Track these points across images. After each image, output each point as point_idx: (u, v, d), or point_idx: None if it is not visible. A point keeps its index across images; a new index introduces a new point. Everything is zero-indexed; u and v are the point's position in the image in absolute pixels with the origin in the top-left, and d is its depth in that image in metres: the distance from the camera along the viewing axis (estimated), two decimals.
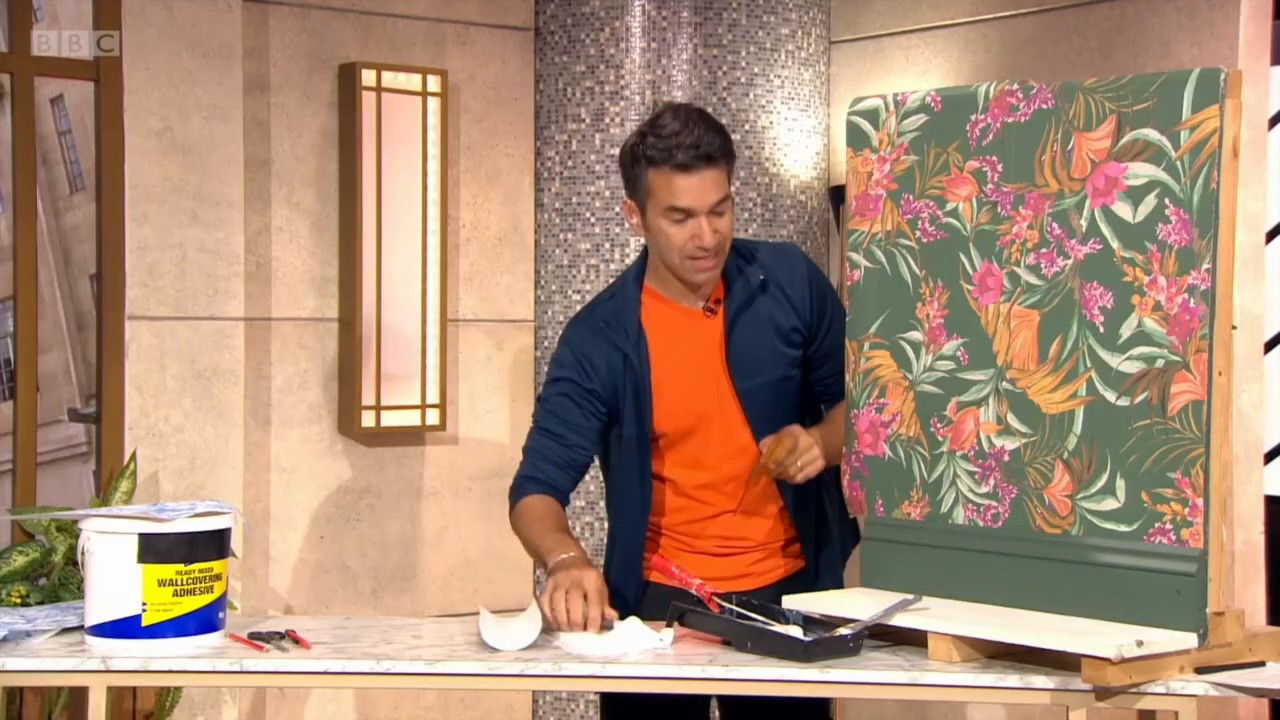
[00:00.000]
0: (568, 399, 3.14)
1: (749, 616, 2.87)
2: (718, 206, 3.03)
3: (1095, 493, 2.74)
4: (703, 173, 3.01)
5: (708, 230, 3.02)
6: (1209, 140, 2.61)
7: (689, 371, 3.14)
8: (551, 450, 3.14)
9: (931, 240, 2.95)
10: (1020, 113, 2.83)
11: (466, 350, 5.21)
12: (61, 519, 4.21)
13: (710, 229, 3.02)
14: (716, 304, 3.15)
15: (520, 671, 2.75)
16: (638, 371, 3.11)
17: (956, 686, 2.70)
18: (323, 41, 4.94)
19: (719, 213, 3.04)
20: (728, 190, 3.05)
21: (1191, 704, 2.60)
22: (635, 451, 3.15)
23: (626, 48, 5.18)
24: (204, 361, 4.66)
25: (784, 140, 5.27)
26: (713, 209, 3.03)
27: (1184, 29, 4.48)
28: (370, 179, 4.93)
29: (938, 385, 2.94)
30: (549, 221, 5.30)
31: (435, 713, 5.18)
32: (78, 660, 2.81)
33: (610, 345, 3.13)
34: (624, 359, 3.12)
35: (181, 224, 4.61)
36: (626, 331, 3.12)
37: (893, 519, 3.02)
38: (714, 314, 3.15)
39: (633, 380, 3.12)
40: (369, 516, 5.06)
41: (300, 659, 2.80)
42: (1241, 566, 4.36)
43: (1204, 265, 2.62)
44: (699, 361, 3.14)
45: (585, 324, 3.19)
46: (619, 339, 3.13)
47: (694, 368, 3.14)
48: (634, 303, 3.14)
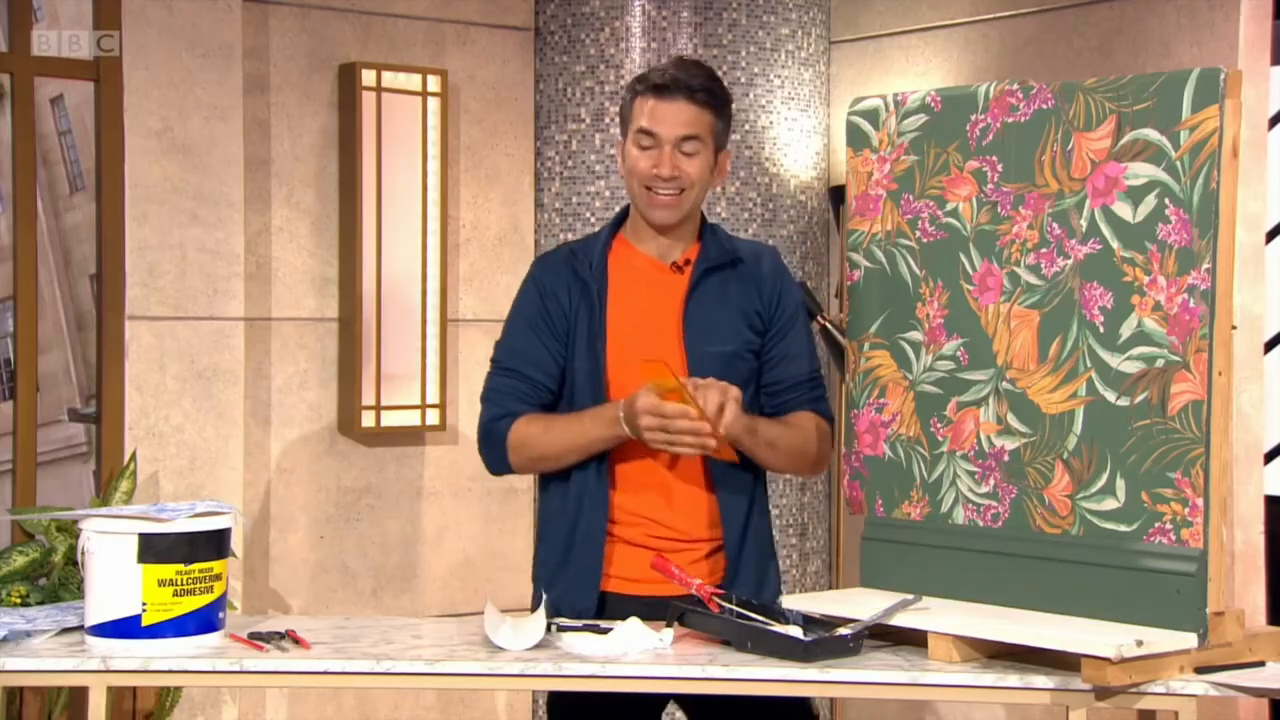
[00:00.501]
0: (528, 329, 3.15)
1: (749, 616, 2.87)
2: (686, 144, 3.07)
3: (1095, 493, 2.74)
4: (677, 102, 3.07)
5: (668, 160, 3.07)
6: (1209, 140, 2.61)
7: (644, 321, 3.13)
8: (516, 389, 3.14)
9: (931, 240, 2.95)
10: (1020, 113, 2.83)
11: (466, 350, 5.21)
12: (61, 519, 4.21)
13: (671, 161, 3.07)
14: (686, 264, 3.16)
15: (520, 671, 2.75)
16: (594, 305, 3.12)
17: (956, 686, 2.70)
18: (323, 41, 4.95)
19: (687, 153, 3.08)
20: (703, 136, 3.08)
21: (1191, 704, 2.60)
22: (589, 389, 3.11)
23: (626, 48, 5.17)
24: (204, 361, 4.66)
25: (784, 140, 5.27)
26: (680, 144, 3.07)
27: (1184, 29, 4.48)
28: (370, 179, 4.93)
29: (938, 385, 2.94)
30: (549, 221, 5.30)
31: (435, 713, 5.18)
32: (78, 660, 2.81)
33: (571, 273, 3.15)
34: (583, 287, 3.13)
35: (181, 224, 4.61)
36: (591, 264, 3.15)
37: (893, 519, 3.02)
38: (680, 272, 3.15)
39: (588, 311, 3.12)
40: (369, 516, 5.06)
41: (300, 659, 2.80)
42: (1241, 566, 4.36)
43: (1204, 265, 2.62)
44: (656, 314, 3.13)
45: (551, 256, 3.23)
46: (581, 269, 3.15)
47: (649, 319, 3.13)
48: (604, 244, 3.18)
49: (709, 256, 3.15)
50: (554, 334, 3.14)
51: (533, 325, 3.15)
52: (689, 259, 3.16)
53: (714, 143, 3.11)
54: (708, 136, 3.09)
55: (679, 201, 3.11)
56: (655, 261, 3.17)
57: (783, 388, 3.16)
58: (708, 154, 3.10)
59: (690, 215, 3.14)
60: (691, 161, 3.09)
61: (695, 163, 3.09)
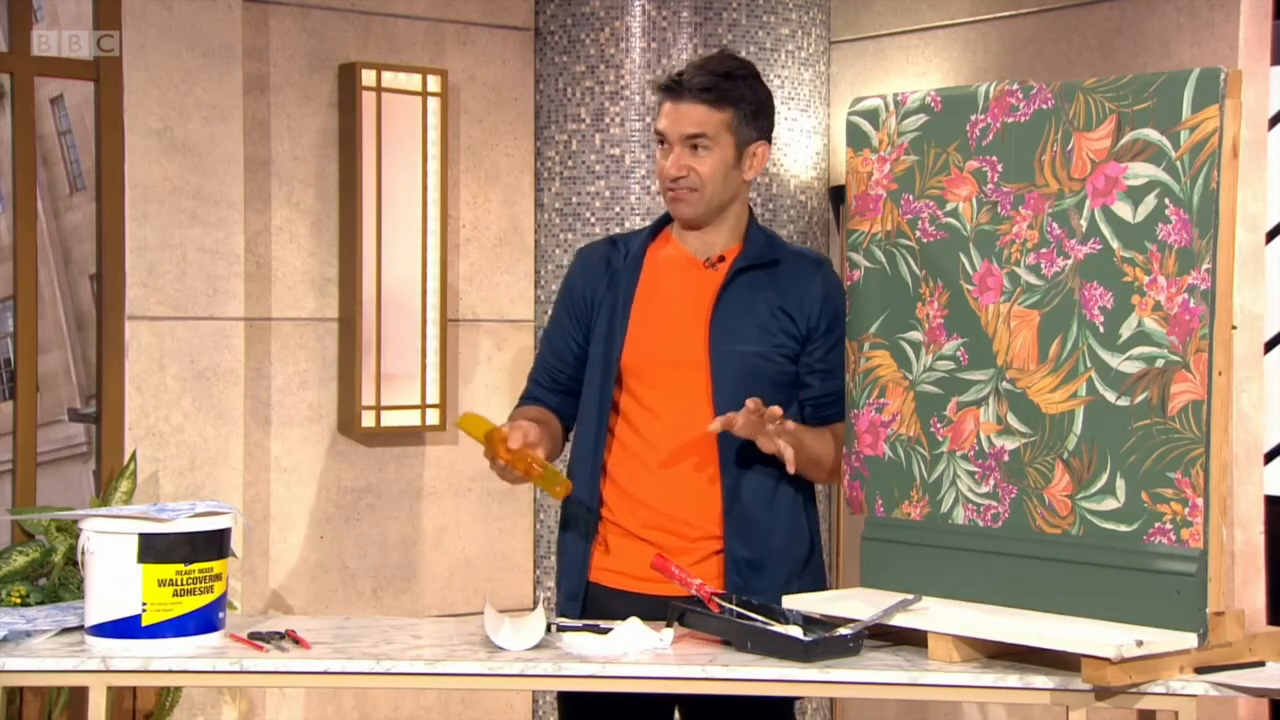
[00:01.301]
0: (556, 316, 3.27)
1: (749, 616, 2.87)
2: (694, 140, 3.09)
3: (1095, 493, 2.74)
4: (683, 103, 3.09)
5: (675, 160, 3.10)
6: (1209, 140, 2.61)
7: (671, 315, 3.15)
8: (538, 374, 3.29)
9: (931, 240, 2.95)
10: (1020, 113, 2.83)
11: (466, 350, 5.21)
12: (61, 519, 4.21)
13: (678, 160, 3.09)
14: (720, 260, 3.16)
15: (520, 671, 2.75)
16: (621, 292, 3.17)
17: (956, 686, 2.70)
18: (323, 41, 4.95)
19: (696, 151, 3.09)
20: (712, 133, 3.09)
21: (1191, 704, 2.60)
22: (597, 377, 3.15)
23: (626, 48, 5.18)
24: (204, 361, 4.66)
25: (784, 140, 5.27)
26: (688, 143, 3.09)
27: (1184, 29, 4.48)
28: (370, 179, 4.93)
29: (938, 385, 2.94)
30: (549, 221, 5.30)
31: (435, 713, 5.18)
32: (78, 660, 2.81)
33: (605, 263, 3.23)
34: (613, 276, 3.19)
35: (181, 224, 4.61)
36: (628, 253, 3.22)
37: (893, 519, 3.02)
38: (714, 269, 3.16)
39: (613, 300, 3.17)
40: (369, 516, 5.06)
41: (300, 659, 2.80)
42: (1241, 566, 4.36)
43: (1204, 265, 2.62)
44: (684, 308, 3.14)
45: (592, 245, 3.33)
46: (616, 259, 3.22)
47: (677, 313, 3.15)
48: (647, 237, 3.24)
49: (747, 255, 3.15)
50: (576, 321, 3.23)
51: (559, 312, 3.26)
52: (724, 256, 3.17)
53: (732, 138, 3.11)
54: (719, 133, 3.09)
55: (693, 199, 3.12)
56: (691, 257, 3.18)
57: (831, 400, 3.15)
58: (722, 151, 3.10)
59: (721, 211, 3.15)
60: (702, 160, 3.10)
61: (706, 160, 3.10)
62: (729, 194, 3.14)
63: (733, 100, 3.10)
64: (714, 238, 3.17)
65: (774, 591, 3.05)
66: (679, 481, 3.11)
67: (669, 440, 3.12)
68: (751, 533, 3.10)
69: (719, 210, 3.14)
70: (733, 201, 3.15)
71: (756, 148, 3.14)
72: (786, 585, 3.10)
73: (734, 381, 3.09)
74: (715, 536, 3.12)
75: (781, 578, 3.12)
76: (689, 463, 3.11)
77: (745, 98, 3.12)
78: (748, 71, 3.15)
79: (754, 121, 3.13)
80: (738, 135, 3.11)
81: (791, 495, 3.15)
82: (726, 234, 3.17)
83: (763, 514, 3.11)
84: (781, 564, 3.13)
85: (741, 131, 3.12)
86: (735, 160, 3.12)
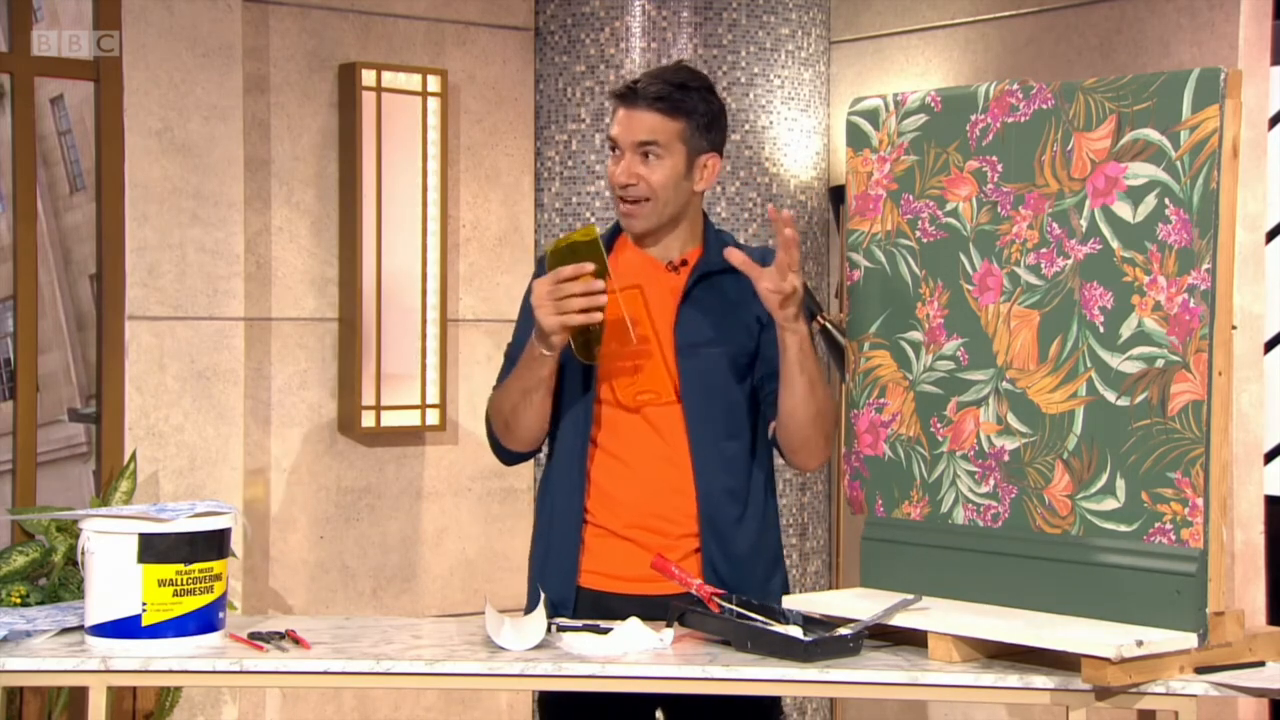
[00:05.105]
0: (524, 321, 3.19)
1: (749, 616, 2.87)
2: (645, 148, 3.07)
3: (1095, 493, 2.74)
4: (636, 110, 3.08)
5: (625, 167, 3.08)
6: (1209, 140, 2.61)
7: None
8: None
9: (931, 240, 2.95)
10: (1020, 113, 2.83)
11: (466, 350, 5.21)
12: (61, 519, 4.21)
13: (628, 168, 3.08)
14: (683, 264, 3.16)
15: (520, 671, 2.75)
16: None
17: (956, 686, 2.70)
18: (323, 41, 4.95)
19: (648, 159, 3.08)
20: (665, 142, 3.07)
21: (1191, 704, 2.60)
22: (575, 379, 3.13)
23: (626, 48, 5.18)
24: (204, 361, 4.66)
25: (784, 140, 5.27)
26: (640, 150, 3.07)
27: (1184, 29, 4.48)
28: (370, 179, 4.93)
29: (938, 385, 2.94)
30: (549, 221, 5.30)
31: (435, 713, 5.18)
32: (78, 660, 2.81)
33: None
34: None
35: (181, 224, 4.62)
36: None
37: (892, 519, 3.02)
38: (677, 272, 3.15)
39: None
40: (369, 516, 5.06)
41: (300, 659, 2.80)
42: (1241, 566, 4.37)
43: (1204, 265, 2.62)
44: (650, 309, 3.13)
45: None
46: None
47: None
48: (609, 239, 3.18)
49: (708, 261, 3.15)
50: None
51: (527, 318, 3.17)
52: (686, 260, 3.16)
53: (684, 147, 3.08)
54: (671, 142, 3.07)
55: (641, 210, 3.10)
56: (654, 261, 3.17)
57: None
58: (674, 160, 3.08)
59: (674, 221, 3.14)
60: (652, 169, 3.08)
61: (657, 170, 3.08)
62: (679, 204, 3.13)
63: (686, 110, 3.09)
64: (672, 243, 3.16)
65: (752, 588, 3.06)
66: (656, 479, 3.11)
67: (644, 439, 3.13)
68: (727, 531, 3.11)
69: (671, 221, 3.13)
70: (684, 211, 3.15)
71: (708, 159, 3.13)
72: (766, 582, 3.12)
73: (697, 381, 3.09)
74: (694, 534, 3.12)
75: (760, 575, 3.12)
76: (664, 461, 3.11)
77: (699, 109, 3.10)
78: (702, 84, 3.14)
79: (706, 133, 3.12)
80: (689, 145, 3.09)
81: (762, 492, 3.15)
82: (684, 238, 3.17)
83: (736, 511, 3.12)
84: (758, 561, 3.13)
85: (693, 142, 3.10)
86: (686, 170, 3.11)
